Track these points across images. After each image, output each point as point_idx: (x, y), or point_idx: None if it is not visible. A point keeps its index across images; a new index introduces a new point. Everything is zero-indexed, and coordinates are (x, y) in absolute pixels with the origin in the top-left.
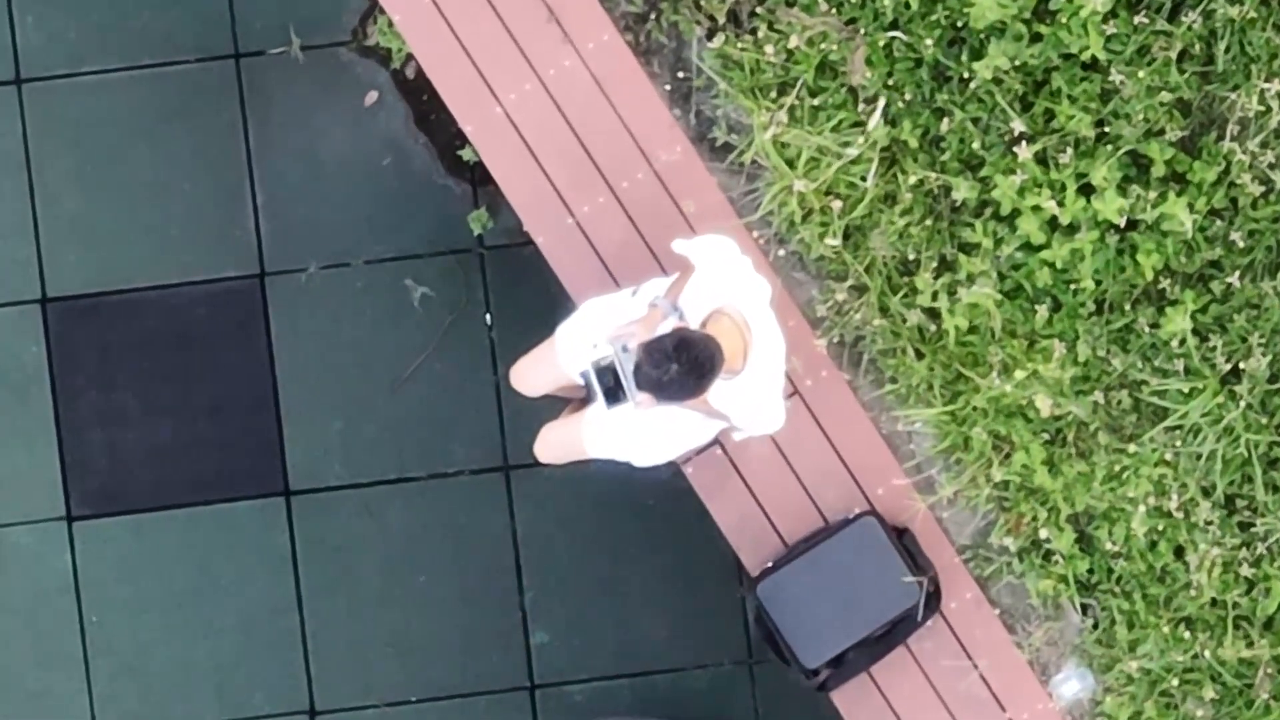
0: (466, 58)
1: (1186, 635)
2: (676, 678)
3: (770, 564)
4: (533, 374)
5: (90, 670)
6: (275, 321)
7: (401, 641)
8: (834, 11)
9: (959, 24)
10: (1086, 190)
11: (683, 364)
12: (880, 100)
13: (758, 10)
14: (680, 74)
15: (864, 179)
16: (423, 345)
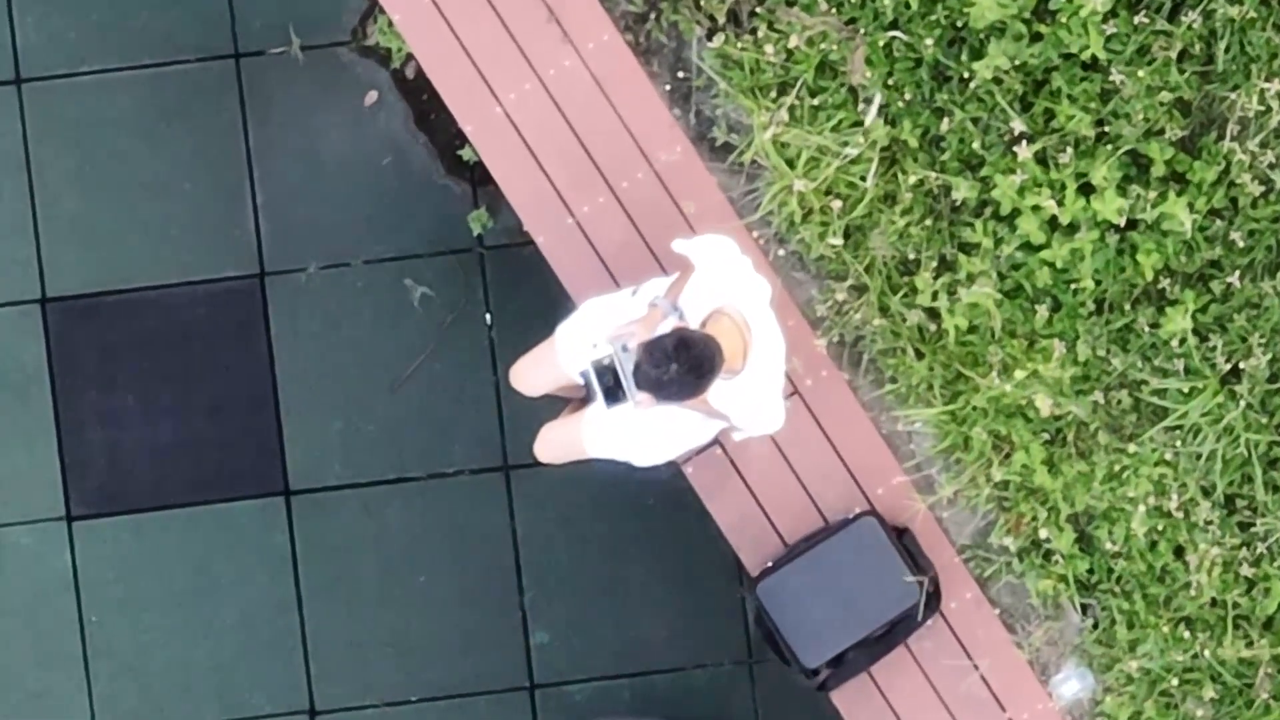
0: (466, 58)
1: (1186, 635)
2: (676, 678)
3: (770, 564)
4: (533, 374)
5: (90, 670)
6: (275, 321)
7: (401, 641)
8: (834, 11)
9: (959, 24)
10: (1086, 190)
11: (683, 364)
12: (876, 96)
13: (758, 10)
14: (680, 74)
15: (864, 179)
16: (423, 345)
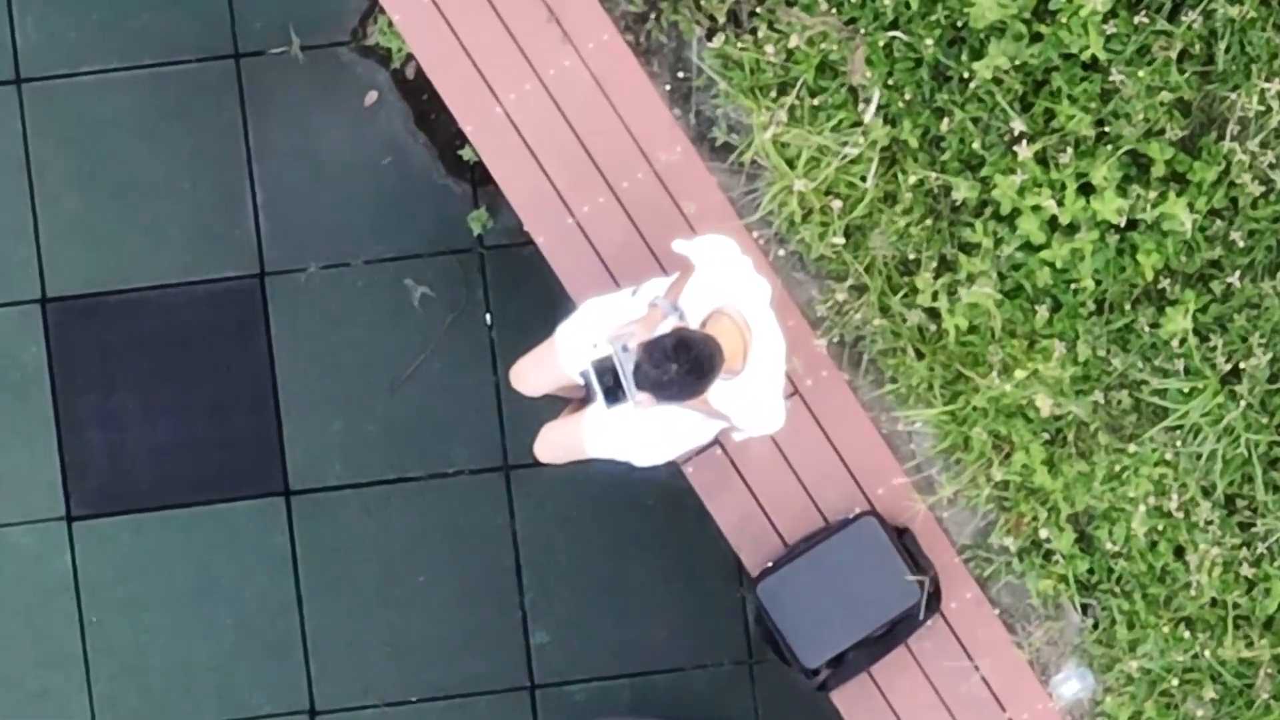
0: (466, 58)
1: (1187, 635)
2: (676, 678)
3: (770, 564)
4: (533, 374)
5: (90, 670)
6: (275, 321)
7: (401, 641)
8: (834, 11)
9: (959, 24)
10: (1086, 190)
11: (683, 364)
12: (875, 93)
13: (758, 10)
14: (680, 74)
15: (864, 179)
16: (423, 345)
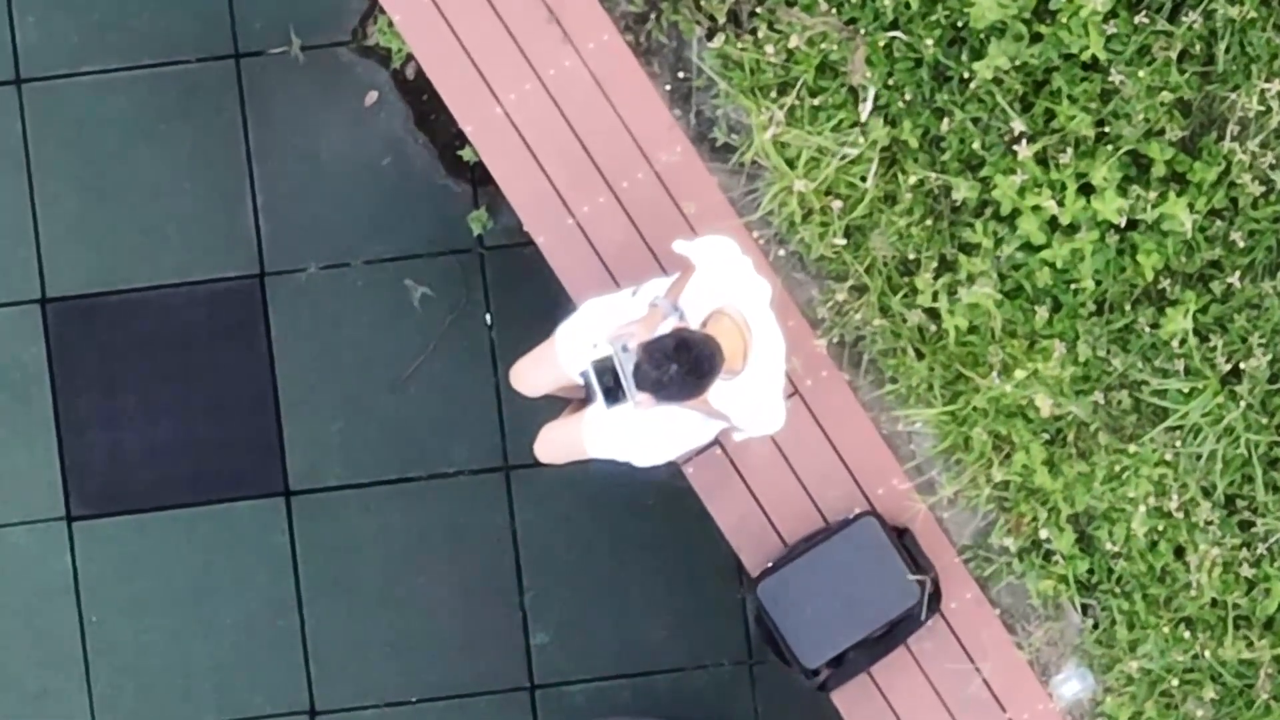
0: (466, 58)
1: (1187, 635)
2: (676, 678)
3: (770, 564)
4: (533, 374)
5: (90, 670)
6: (275, 321)
7: (401, 641)
8: (834, 11)
9: (959, 24)
10: (1087, 190)
11: (683, 364)
12: (870, 90)
13: (758, 10)
14: (680, 74)
15: (864, 179)
16: (423, 345)
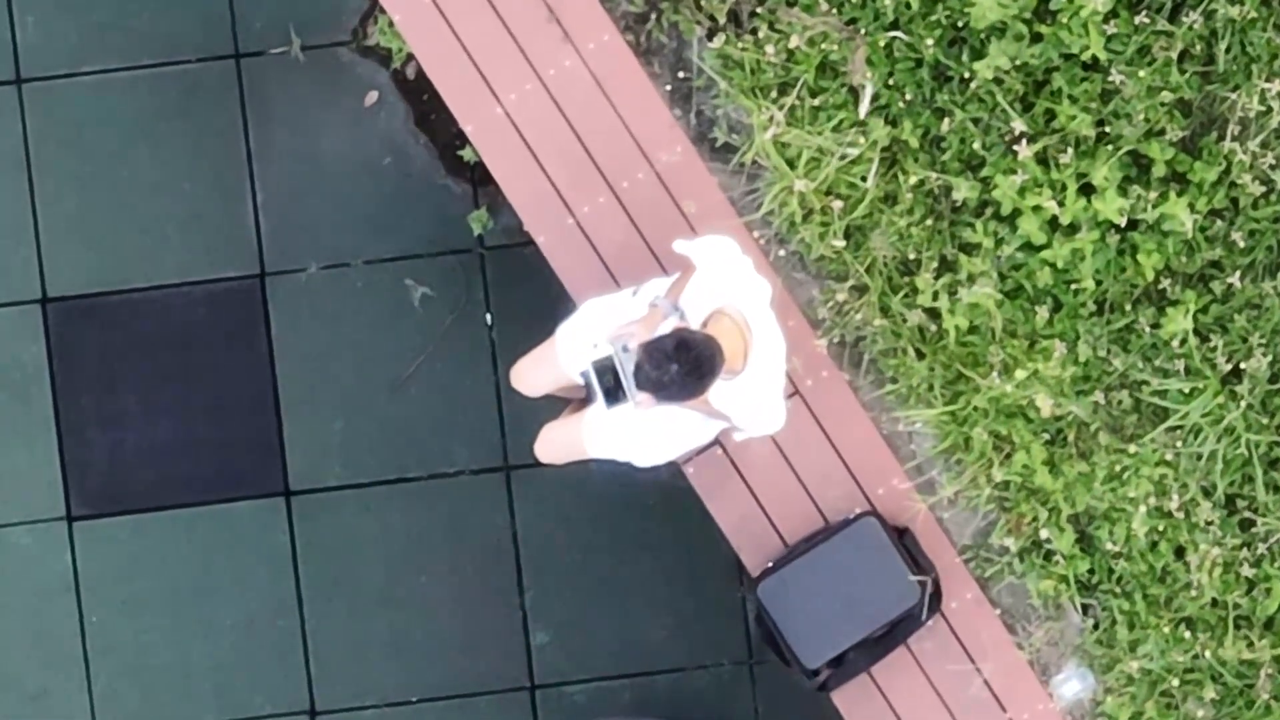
0: (467, 58)
1: (1187, 635)
2: (677, 678)
3: (771, 564)
4: (533, 374)
5: (90, 670)
6: (275, 321)
7: (401, 641)
8: (834, 11)
9: (959, 24)
10: (1087, 190)
11: (683, 364)
12: (868, 87)
13: (758, 10)
14: (681, 74)
15: (864, 179)
16: (423, 345)
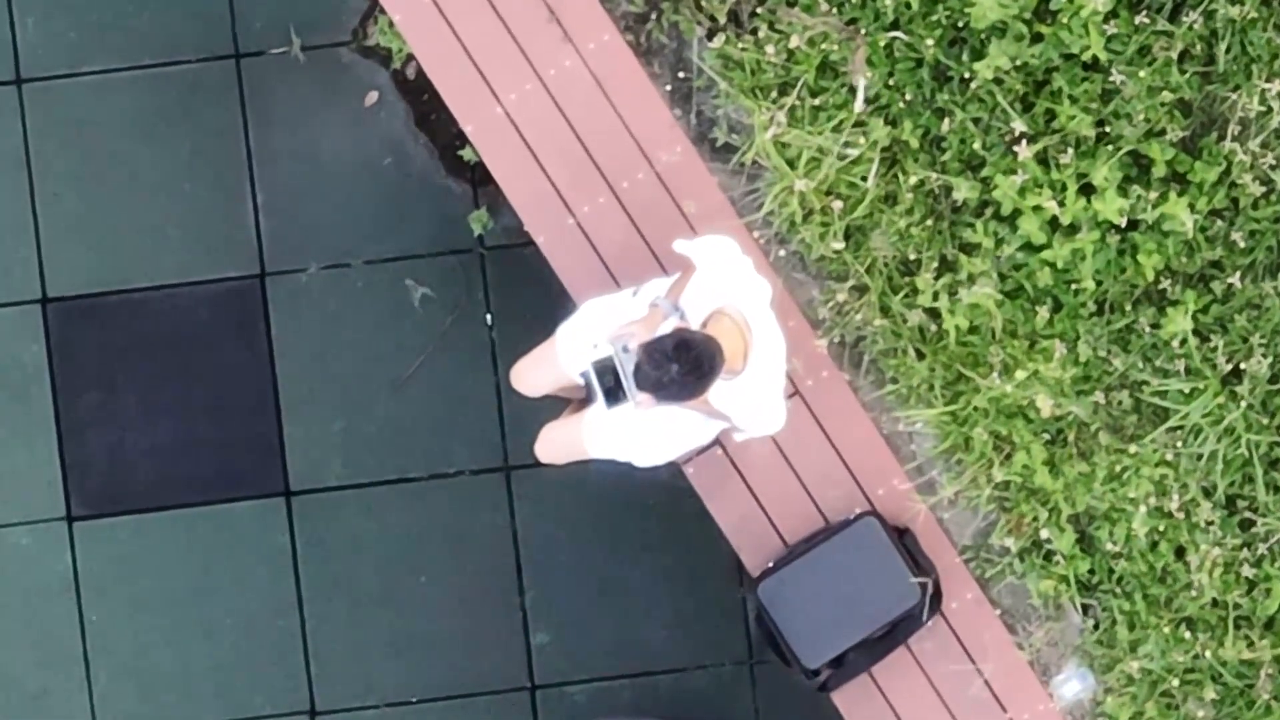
0: (467, 58)
1: (1187, 636)
2: (677, 678)
3: (771, 564)
4: (533, 374)
5: (90, 670)
6: (275, 321)
7: (401, 641)
8: (835, 11)
9: (960, 24)
10: (1087, 190)
11: (683, 364)
12: (861, 82)
13: (758, 10)
14: (681, 74)
15: (865, 179)
16: (423, 345)
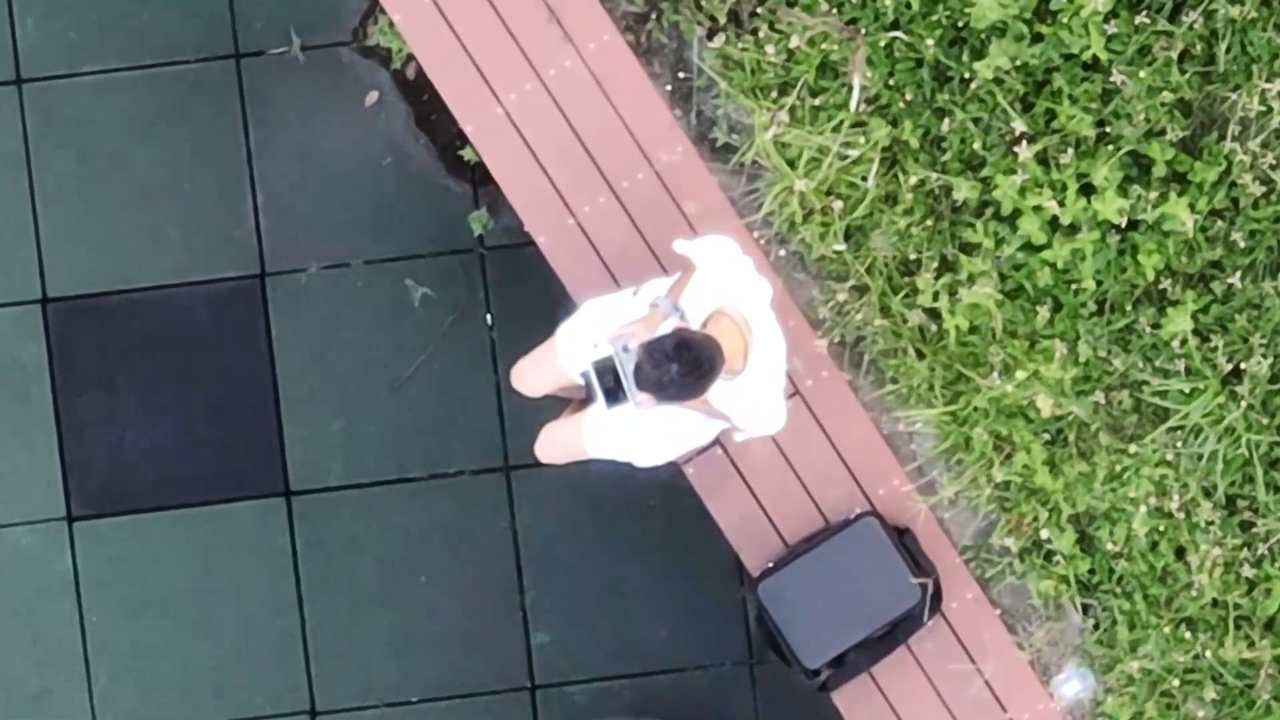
0: (467, 58)
1: (1188, 636)
2: (677, 678)
3: (771, 564)
4: (533, 374)
5: (90, 670)
6: (275, 321)
7: (401, 641)
8: (835, 11)
9: (960, 24)
10: (1087, 190)
11: (683, 364)
12: (856, 80)
13: (759, 10)
14: (681, 74)
15: (865, 179)
16: (423, 345)
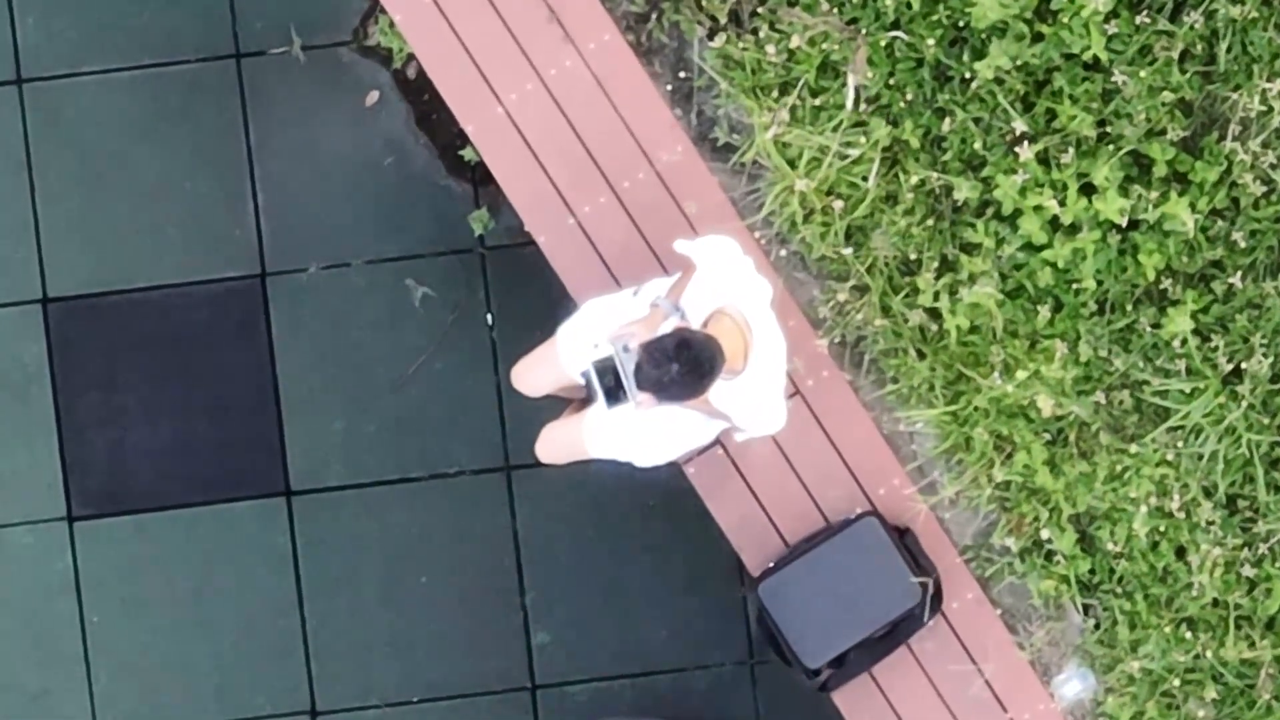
0: (467, 58)
1: (1188, 635)
2: (677, 678)
3: (771, 564)
4: (534, 374)
5: (90, 670)
6: (275, 321)
7: (402, 641)
8: (835, 11)
9: (960, 24)
10: (1088, 190)
11: (683, 364)
12: (851, 79)
13: (759, 10)
14: (681, 74)
15: (865, 179)
16: (423, 345)
